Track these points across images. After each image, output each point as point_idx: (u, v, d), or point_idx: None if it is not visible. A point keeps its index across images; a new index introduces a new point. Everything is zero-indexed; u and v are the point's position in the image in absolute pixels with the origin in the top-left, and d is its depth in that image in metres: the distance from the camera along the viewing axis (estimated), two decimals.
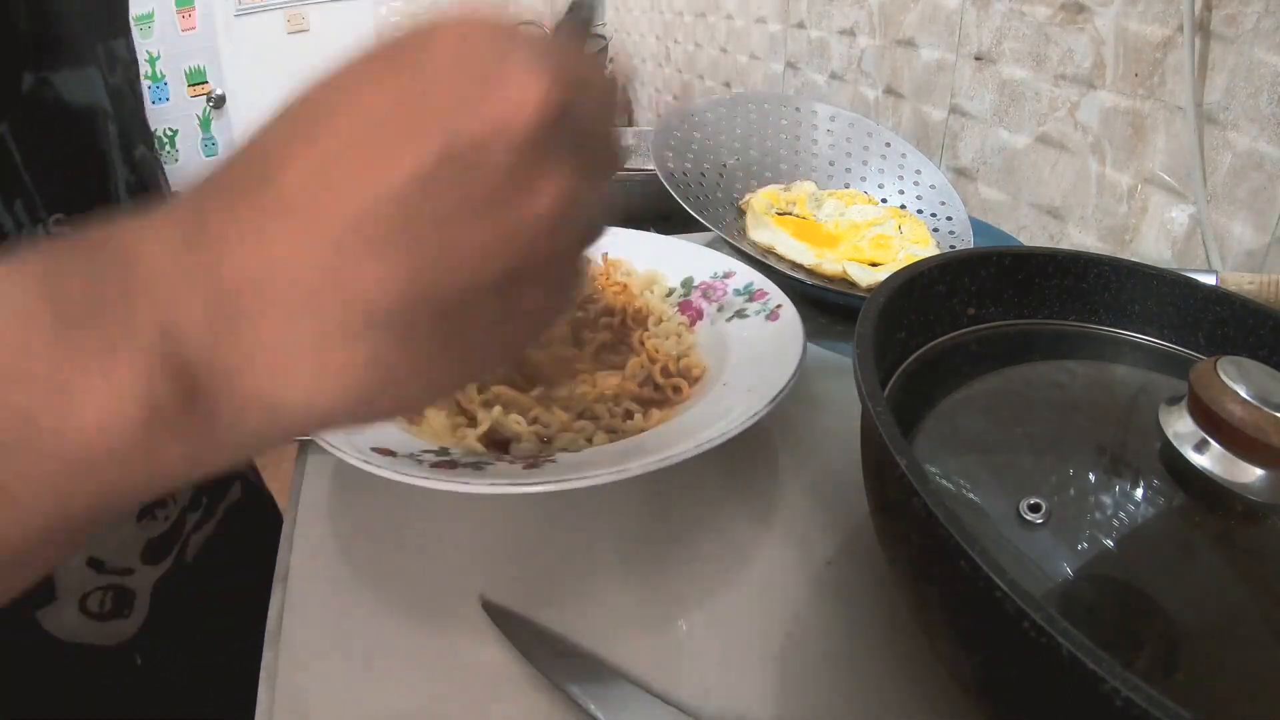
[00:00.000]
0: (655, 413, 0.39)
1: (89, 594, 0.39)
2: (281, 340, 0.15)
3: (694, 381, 0.41)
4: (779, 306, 0.44)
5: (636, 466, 0.30)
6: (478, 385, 0.39)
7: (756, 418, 0.33)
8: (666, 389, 0.41)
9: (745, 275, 0.48)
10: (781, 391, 0.35)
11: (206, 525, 0.47)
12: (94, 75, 0.38)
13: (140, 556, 0.41)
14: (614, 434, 0.37)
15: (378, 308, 0.15)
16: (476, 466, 0.32)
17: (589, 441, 0.37)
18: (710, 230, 0.55)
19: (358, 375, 0.16)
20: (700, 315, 0.47)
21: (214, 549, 0.47)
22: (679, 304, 0.48)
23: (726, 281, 0.48)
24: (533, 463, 0.33)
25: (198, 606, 0.45)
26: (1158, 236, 0.54)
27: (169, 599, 0.43)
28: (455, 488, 0.29)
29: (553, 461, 0.33)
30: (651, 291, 0.49)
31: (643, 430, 0.37)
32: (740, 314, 0.45)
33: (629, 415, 0.39)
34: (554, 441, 0.37)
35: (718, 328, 0.45)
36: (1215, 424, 0.24)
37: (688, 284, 0.49)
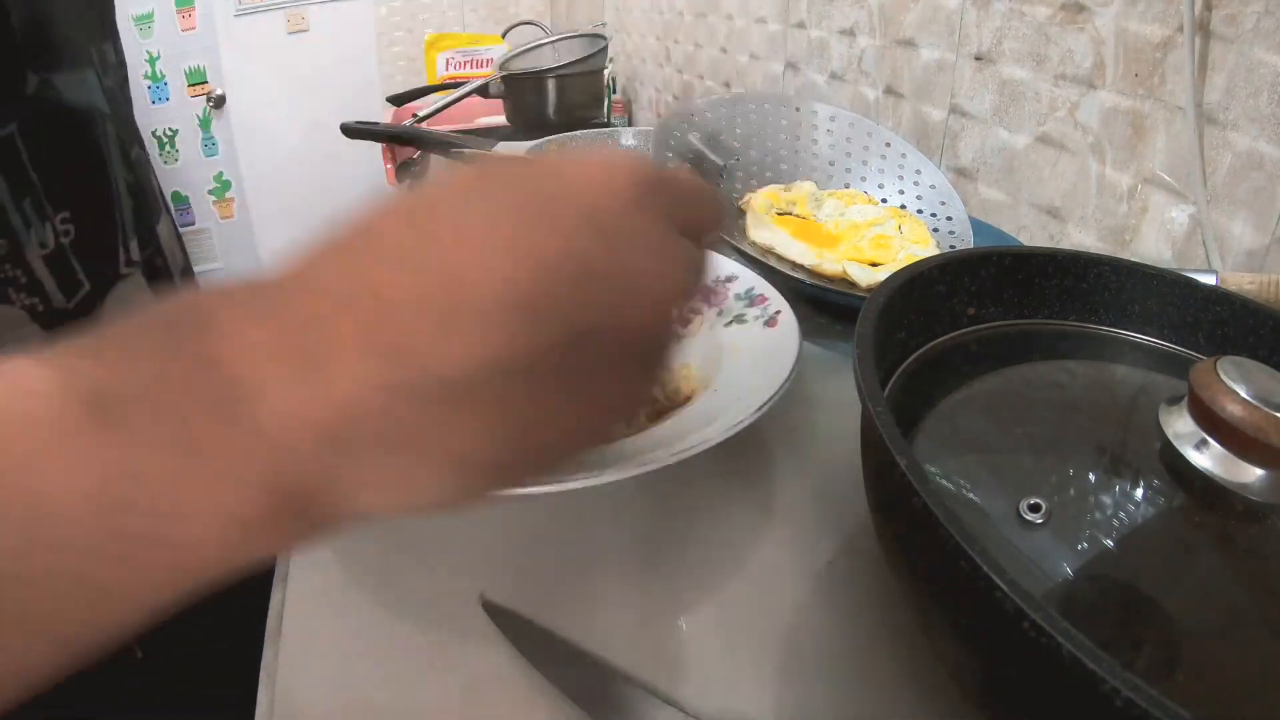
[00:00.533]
0: (639, 420, 0.38)
1: None
2: (380, 474, 0.16)
3: (683, 401, 0.40)
4: (778, 313, 0.43)
5: (611, 474, 0.30)
6: None
7: (740, 428, 0.32)
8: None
9: (747, 280, 0.48)
10: (768, 401, 0.34)
11: None
12: (91, 77, 0.38)
13: None
14: None
15: (469, 458, 0.16)
16: None
17: None
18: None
19: (445, 497, 0.17)
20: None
21: None
22: None
23: (728, 286, 0.48)
24: None
25: (200, 602, 0.45)
26: (1158, 236, 0.54)
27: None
28: None
29: None
30: None
31: (624, 436, 0.37)
32: (739, 319, 0.45)
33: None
34: None
35: (715, 333, 0.45)
36: (1215, 424, 0.24)
37: None
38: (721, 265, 0.50)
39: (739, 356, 0.41)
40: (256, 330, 0.16)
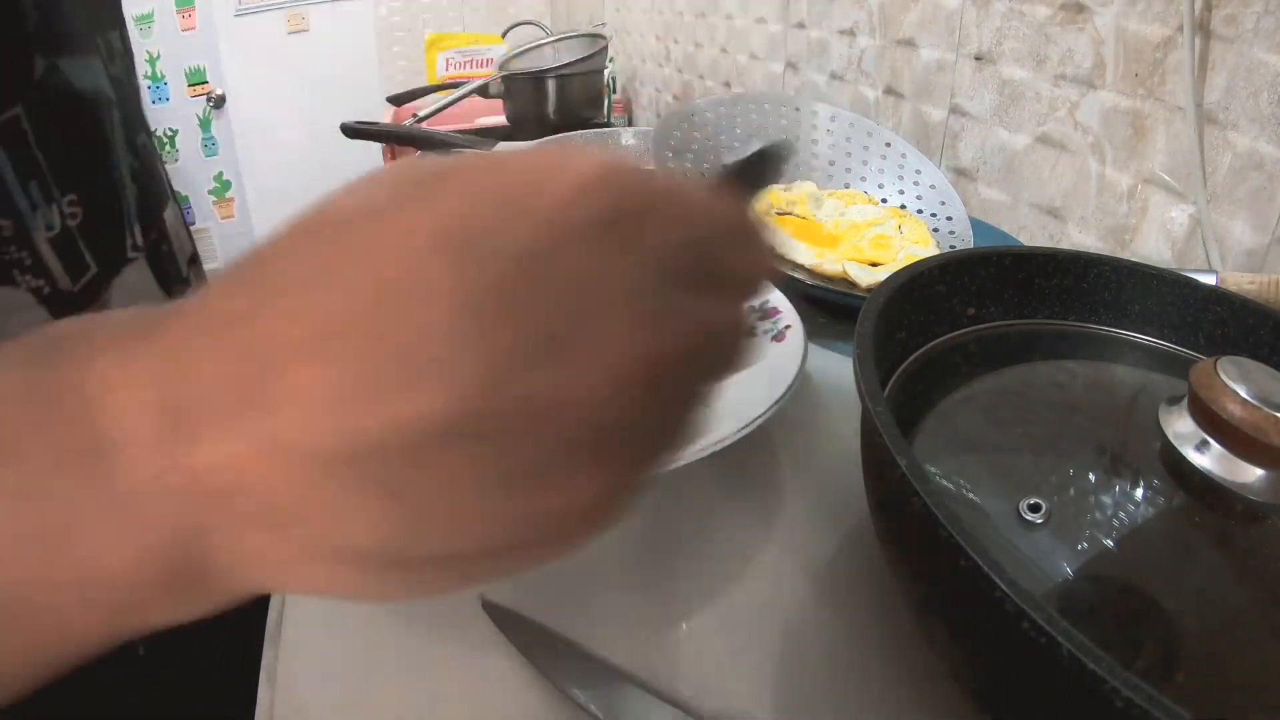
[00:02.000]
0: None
1: None
2: (254, 554, 0.14)
3: None
4: (787, 327, 0.42)
5: None
6: None
7: (716, 448, 0.32)
8: None
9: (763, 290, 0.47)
10: (749, 425, 0.33)
11: None
12: (96, 64, 0.39)
13: None
14: None
15: (357, 550, 0.14)
16: None
17: None
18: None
19: (336, 589, 0.14)
20: None
21: None
22: None
23: None
24: None
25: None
26: (1158, 236, 0.54)
27: None
28: None
29: None
30: None
31: None
32: (748, 331, 0.44)
33: None
34: None
35: None
36: (1215, 424, 0.24)
37: None
38: None
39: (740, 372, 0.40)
40: (132, 374, 0.14)
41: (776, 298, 0.46)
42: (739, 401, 0.36)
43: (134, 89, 0.44)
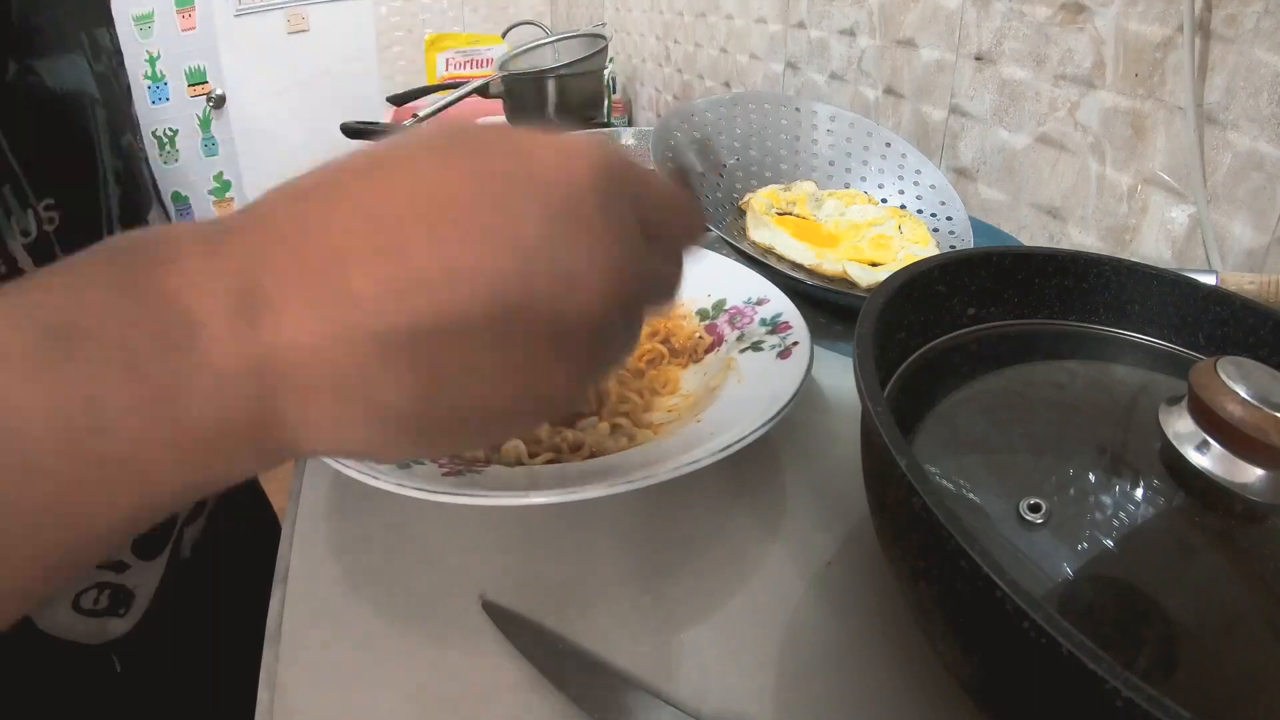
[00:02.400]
0: (589, 446, 0.38)
1: (82, 592, 0.39)
2: (313, 416, 0.17)
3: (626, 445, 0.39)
4: (795, 344, 0.41)
5: (537, 496, 0.30)
6: None
7: (688, 470, 0.32)
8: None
9: (777, 304, 0.46)
10: (751, 434, 0.33)
11: (198, 519, 0.46)
12: (79, 61, 0.38)
13: (132, 549, 0.41)
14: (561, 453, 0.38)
15: (395, 413, 0.18)
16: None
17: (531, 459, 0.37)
18: (710, 230, 0.55)
19: (368, 448, 0.19)
20: (720, 341, 0.46)
21: (209, 546, 0.47)
22: (705, 326, 0.47)
23: (757, 309, 0.46)
24: (452, 471, 0.33)
25: (194, 607, 0.45)
26: (1158, 236, 0.54)
27: (167, 600, 0.43)
28: (402, 491, 0.30)
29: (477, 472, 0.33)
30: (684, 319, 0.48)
31: (590, 455, 0.37)
32: (756, 346, 0.43)
33: (576, 447, 0.38)
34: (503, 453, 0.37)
35: (730, 357, 0.44)
36: (1215, 424, 0.24)
37: (719, 307, 0.48)
38: (755, 287, 0.48)
39: (741, 387, 0.40)
40: (210, 265, 0.17)
41: (790, 312, 0.45)
42: (723, 425, 0.36)
43: (122, 87, 0.43)
